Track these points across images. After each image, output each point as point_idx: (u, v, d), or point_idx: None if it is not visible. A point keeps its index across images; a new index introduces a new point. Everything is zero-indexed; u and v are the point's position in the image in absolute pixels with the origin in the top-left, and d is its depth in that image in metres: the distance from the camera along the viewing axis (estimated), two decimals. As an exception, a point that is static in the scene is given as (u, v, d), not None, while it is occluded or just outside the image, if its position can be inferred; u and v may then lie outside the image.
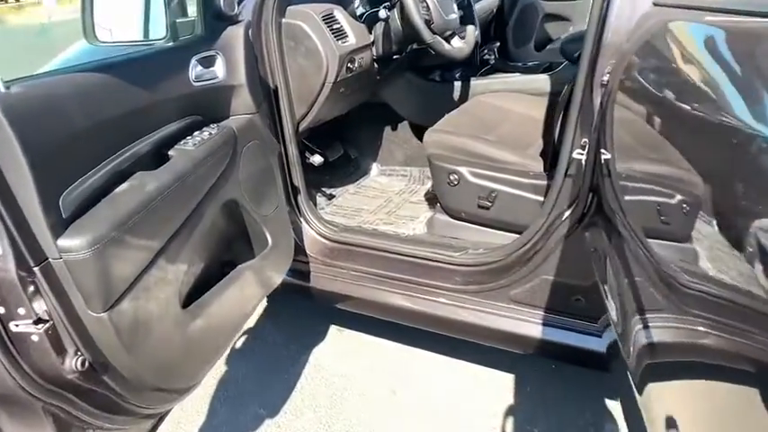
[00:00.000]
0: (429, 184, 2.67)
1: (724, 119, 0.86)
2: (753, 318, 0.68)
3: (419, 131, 2.74)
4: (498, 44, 2.73)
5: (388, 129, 2.79)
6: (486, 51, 2.57)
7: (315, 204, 2.52)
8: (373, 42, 2.20)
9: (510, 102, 2.36)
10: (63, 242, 1.07)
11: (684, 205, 0.98)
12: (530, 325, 1.85)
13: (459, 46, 2.18)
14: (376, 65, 2.27)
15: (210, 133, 1.55)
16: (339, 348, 2.44)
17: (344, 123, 2.45)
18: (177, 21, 1.61)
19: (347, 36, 2.08)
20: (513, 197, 1.96)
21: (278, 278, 1.88)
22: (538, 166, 1.96)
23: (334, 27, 2.04)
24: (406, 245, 2.08)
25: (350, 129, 2.75)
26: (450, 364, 2.30)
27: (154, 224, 1.27)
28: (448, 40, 2.13)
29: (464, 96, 2.57)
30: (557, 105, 2.40)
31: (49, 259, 1.08)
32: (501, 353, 2.04)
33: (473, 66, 2.62)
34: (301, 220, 2.19)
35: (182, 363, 1.43)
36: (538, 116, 2.31)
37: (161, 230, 1.30)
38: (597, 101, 1.51)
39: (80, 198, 1.13)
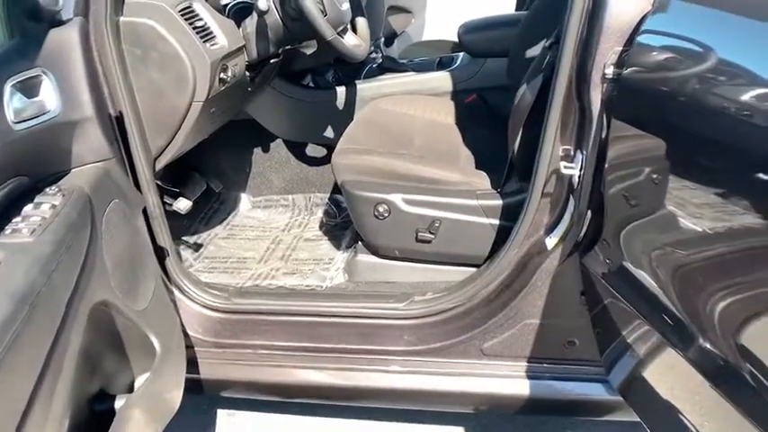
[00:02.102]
0: (319, 214, 2.18)
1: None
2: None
3: (297, 150, 2.24)
4: (383, 39, 2.33)
5: (257, 151, 2.24)
6: (372, 49, 2.15)
7: (181, 262, 1.91)
8: (244, 44, 1.67)
9: (412, 106, 1.97)
10: None
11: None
12: (513, 381, 1.49)
13: (356, 42, 1.74)
14: (248, 72, 1.74)
15: (53, 205, 0.93)
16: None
17: (201, 149, 1.87)
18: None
19: (215, 36, 1.52)
20: (462, 224, 1.58)
21: (178, 394, 1.29)
22: (483, 182, 1.60)
23: (198, 25, 1.47)
24: (330, 302, 1.60)
25: (208, 155, 2.15)
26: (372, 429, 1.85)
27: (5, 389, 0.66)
28: (341, 35, 1.67)
29: (350, 104, 2.12)
30: (466, 106, 2.08)
31: None
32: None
33: (355, 66, 2.19)
34: (175, 290, 1.60)
35: None
36: (448, 120, 1.95)
37: (16, 393, 0.70)
38: (596, 100, 1.18)
39: None
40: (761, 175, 0.84)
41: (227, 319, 1.63)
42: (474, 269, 1.65)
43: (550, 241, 1.37)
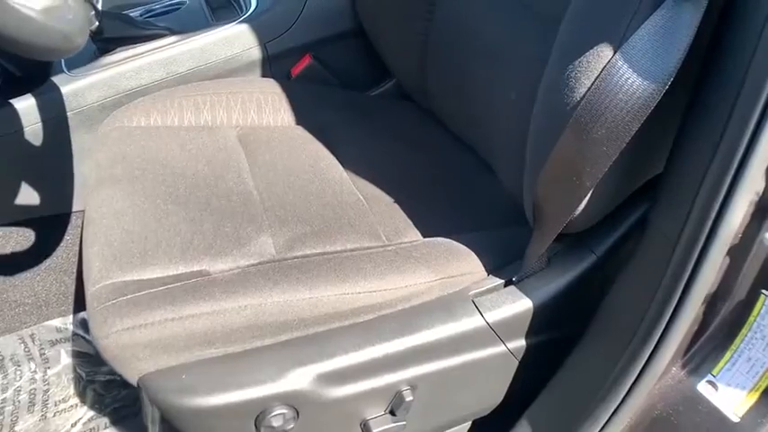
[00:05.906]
0: (66, 361, 1.07)
1: None
2: None
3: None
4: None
5: None
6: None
7: None
8: None
9: (201, 107, 0.95)
10: None
11: None
12: None
13: (51, 4, 0.64)
14: None
15: None
16: None
17: None
18: None
19: None
20: (456, 373, 0.70)
21: None
22: (462, 266, 0.72)
23: None
24: None
25: None
26: None
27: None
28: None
29: (58, 129, 0.98)
30: (298, 82, 1.13)
31: None
32: None
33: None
34: None
35: None
36: (285, 121, 0.99)
37: None
38: None
39: None
40: None
41: None
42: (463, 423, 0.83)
43: (724, 396, 0.60)
